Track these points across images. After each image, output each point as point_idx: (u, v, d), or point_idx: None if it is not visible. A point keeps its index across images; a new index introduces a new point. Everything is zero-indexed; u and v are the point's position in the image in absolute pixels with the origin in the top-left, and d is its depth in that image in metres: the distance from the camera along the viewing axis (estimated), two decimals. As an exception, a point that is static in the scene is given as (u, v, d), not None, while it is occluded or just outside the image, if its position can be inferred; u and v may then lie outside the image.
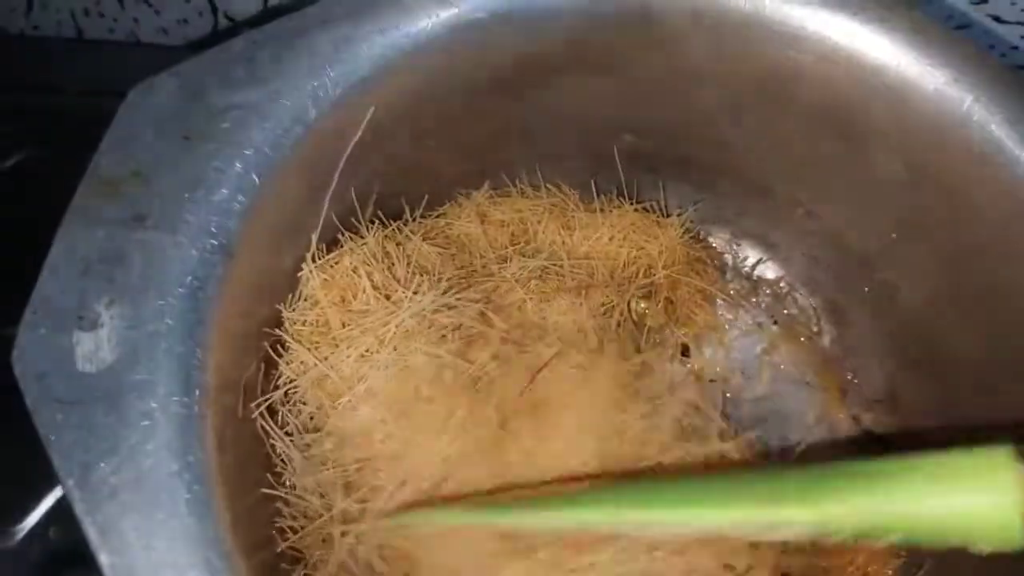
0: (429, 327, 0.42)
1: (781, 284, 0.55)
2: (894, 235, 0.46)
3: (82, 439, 0.31)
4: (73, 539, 0.45)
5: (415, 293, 0.43)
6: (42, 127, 0.61)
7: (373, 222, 0.46)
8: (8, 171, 0.59)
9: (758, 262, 0.55)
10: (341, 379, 0.41)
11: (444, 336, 0.42)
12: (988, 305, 0.43)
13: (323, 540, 0.39)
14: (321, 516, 0.39)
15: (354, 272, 0.43)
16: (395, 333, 0.41)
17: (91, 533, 0.30)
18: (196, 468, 0.32)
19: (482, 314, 0.44)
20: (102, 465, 0.31)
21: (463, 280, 0.46)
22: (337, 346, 0.42)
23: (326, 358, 0.41)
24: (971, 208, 0.41)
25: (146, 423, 0.32)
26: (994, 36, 0.56)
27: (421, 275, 0.44)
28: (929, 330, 0.47)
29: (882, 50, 0.40)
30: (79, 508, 0.30)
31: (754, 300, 0.55)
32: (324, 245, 0.44)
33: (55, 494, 0.48)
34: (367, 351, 0.41)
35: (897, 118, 0.41)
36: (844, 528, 0.32)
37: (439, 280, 0.44)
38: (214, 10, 0.64)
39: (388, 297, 0.43)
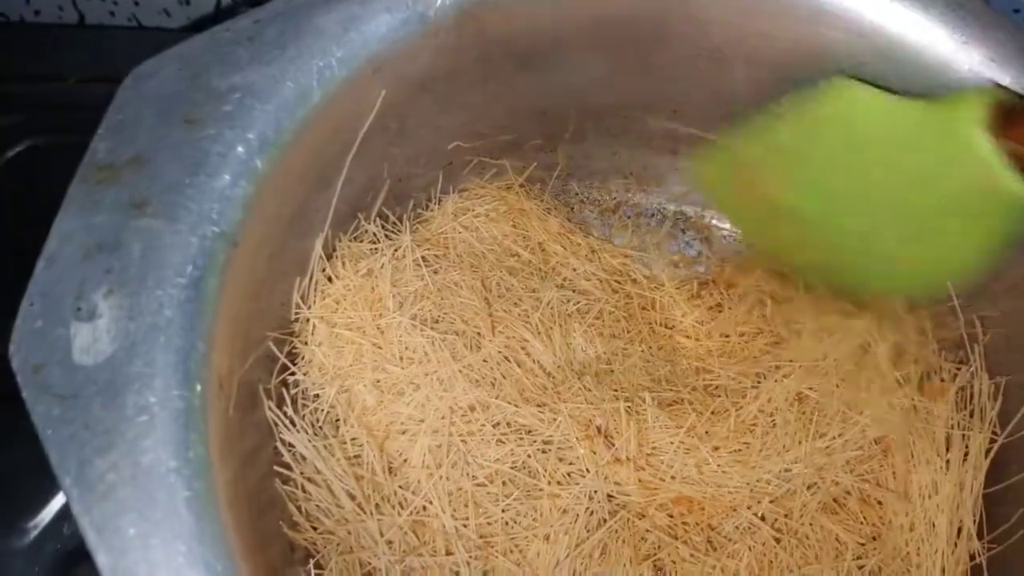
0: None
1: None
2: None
3: (79, 434, 0.30)
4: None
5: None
6: (45, 116, 0.60)
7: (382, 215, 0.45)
8: (11, 160, 0.58)
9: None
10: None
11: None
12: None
13: (335, 537, 0.39)
14: (332, 515, 0.39)
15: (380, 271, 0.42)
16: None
17: (88, 532, 0.29)
18: (196, 464, 0.30)
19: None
20: (99, 461, 0.30)
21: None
22: (379, 348, 0.41)
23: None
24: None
25: (144, 418, 0.30)
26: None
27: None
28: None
29: (916, 27, 0.38)
30: (76, 507, 0.29)
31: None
32: (340, 232, 0.43)
33: (68, 491, 0.47)
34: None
35: (931, 99, 0.39)
36: None
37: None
38: (216, -11, 0.63)
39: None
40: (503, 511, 0.39)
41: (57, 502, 0.47)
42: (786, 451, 0.42)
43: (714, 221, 0.54)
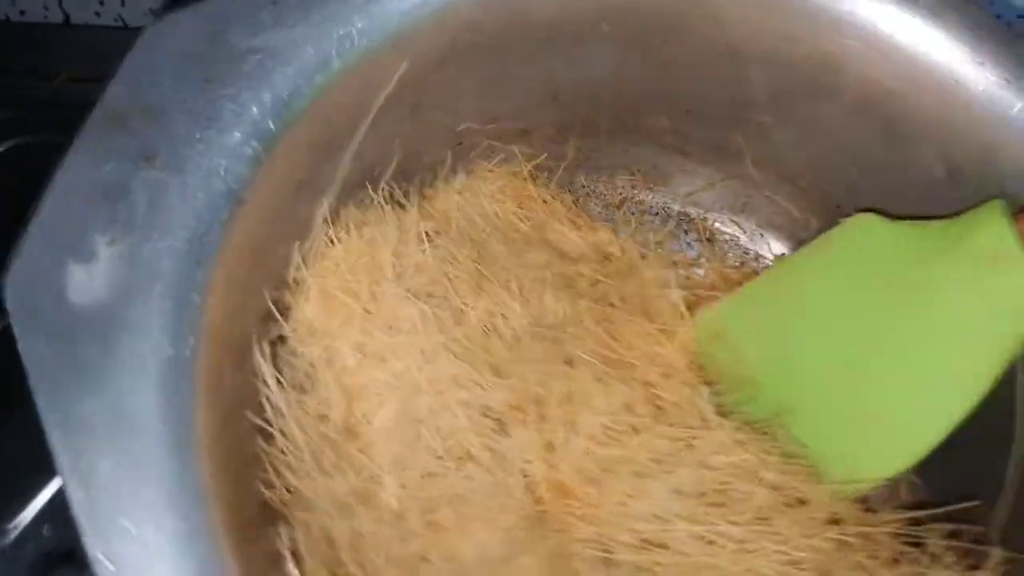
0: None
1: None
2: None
3: (67, 374, 0.30)
4: (67, 538, 0.46)
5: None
6: (31, 115, 0.60)
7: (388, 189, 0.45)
8: (-3, 159, 0.58)
9: (782, 255, 0.53)
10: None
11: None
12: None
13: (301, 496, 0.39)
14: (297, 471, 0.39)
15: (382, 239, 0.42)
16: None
17: (66, 474, 0.29)
18: (182, 411, 0.31)
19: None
20: (85, 402, 0.30)
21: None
22: (370, 313, 0.41)
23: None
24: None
25: (135, 363, 0.31)
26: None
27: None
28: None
29: (933, 43, 0.38)
30: (57, 447, 0.29)
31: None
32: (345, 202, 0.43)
33: (49, 492, 0.48)
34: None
35: (943, 117, 0.39)
36: None
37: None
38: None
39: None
40: (451, 484, 0.39)
41: (37, 504, 0.47)
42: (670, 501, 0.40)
43: (717, 224, 0.54)
